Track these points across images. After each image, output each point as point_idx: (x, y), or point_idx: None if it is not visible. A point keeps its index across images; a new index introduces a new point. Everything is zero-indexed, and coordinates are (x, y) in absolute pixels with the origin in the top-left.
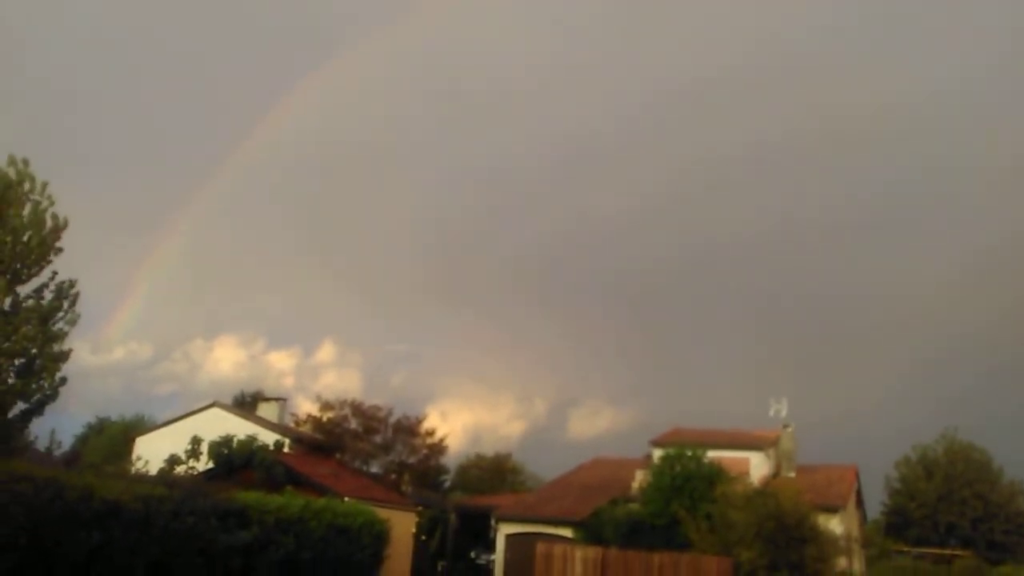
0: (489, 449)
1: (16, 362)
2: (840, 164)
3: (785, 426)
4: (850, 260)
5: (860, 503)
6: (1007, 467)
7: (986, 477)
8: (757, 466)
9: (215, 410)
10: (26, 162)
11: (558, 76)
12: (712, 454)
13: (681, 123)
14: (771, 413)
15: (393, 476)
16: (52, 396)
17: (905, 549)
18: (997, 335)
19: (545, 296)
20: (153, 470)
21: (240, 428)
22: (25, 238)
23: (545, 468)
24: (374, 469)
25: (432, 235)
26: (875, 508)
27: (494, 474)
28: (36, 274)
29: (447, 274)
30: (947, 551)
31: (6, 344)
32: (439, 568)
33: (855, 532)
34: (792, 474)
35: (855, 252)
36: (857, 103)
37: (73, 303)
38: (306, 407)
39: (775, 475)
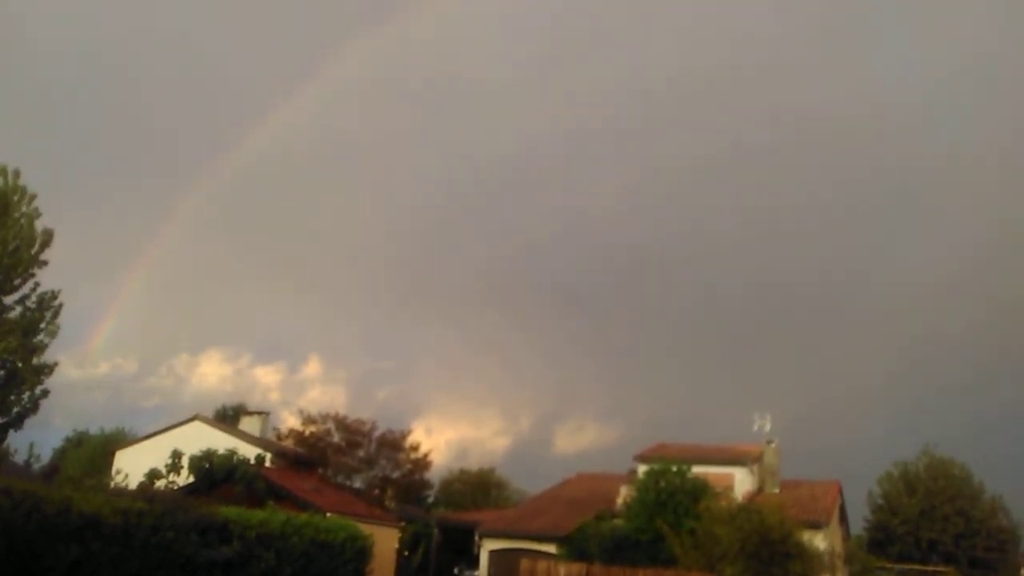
0: (474, 464)
1: None
2: (820, 163)
3: (769, 441)
4: (831, 260)
5: (843, 519)
6: (987, 472)
7: (967, 493)
8: (741, 481)
9: (196, 424)
10: (17, 173)
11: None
12: (696, 469)
13: (660, 121)
14: (755, 428)
15: (376, 491)
16: (32, 409)
17: (888, 565)
18: (982, 335)
19: (530, 312)
20: (133, 484)
21: (221, 442)
22: (11, 249)
23: (530, 483)
24: (357, 484)
25: (414, 252)
26: (858, 524)
27: (478, 489)
28: (20, 286)
29: (431, 291)
30: (929, 567)
31: None
32: None
33: (838, 548)
34: (776, 489)
35: (835, 251)
36: (849, 97)
37: (55, 314)
38: (291, 422)
39: (759, 490)
